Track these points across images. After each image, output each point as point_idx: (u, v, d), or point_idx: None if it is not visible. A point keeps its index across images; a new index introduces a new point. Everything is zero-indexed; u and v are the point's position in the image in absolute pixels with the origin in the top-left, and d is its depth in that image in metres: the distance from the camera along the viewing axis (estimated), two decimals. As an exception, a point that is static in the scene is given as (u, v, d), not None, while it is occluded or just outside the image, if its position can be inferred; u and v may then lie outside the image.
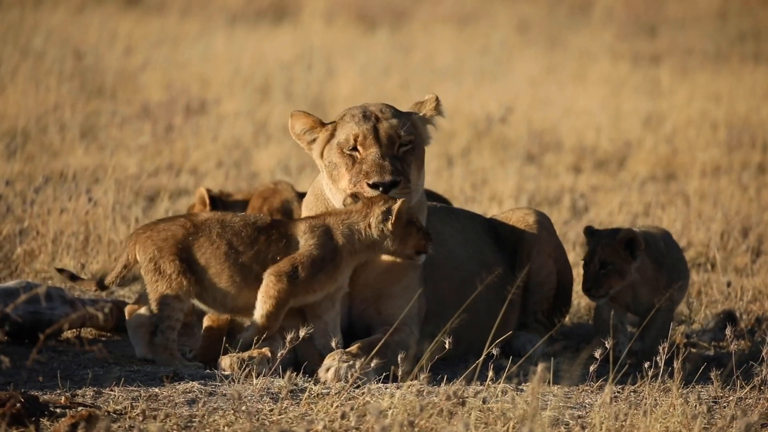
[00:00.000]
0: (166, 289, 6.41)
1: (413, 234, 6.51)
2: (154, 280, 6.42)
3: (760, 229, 10.30)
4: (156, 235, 6.45)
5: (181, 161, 12.09)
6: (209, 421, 5.68)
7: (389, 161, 6.56)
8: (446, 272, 7.01)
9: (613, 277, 7.00)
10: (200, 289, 6.45)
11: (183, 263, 6.40)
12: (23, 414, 5.51)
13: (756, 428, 5.78)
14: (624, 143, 13.97)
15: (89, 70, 15.56)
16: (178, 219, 6.52)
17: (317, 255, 6.42)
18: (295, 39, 19.50)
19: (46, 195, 9.35)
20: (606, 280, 6.99)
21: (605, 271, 6.99)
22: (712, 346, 7.87)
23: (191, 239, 6.43)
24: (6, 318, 6.82)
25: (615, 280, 7.01)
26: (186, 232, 6.44)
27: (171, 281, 6.40)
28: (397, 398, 5.89)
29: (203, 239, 6.42)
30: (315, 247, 6.42)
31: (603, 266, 7.00)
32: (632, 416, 5.84)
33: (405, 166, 6.61)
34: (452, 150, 13.51)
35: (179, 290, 6.40)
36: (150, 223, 6.60)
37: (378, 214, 6.48)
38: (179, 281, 6.40)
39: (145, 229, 6.52)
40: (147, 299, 6.48)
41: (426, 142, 6.79)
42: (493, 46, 20.36)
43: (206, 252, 6.42)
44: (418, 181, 6.71)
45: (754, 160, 13.44)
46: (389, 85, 16.47)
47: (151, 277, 6.43)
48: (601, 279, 6.99)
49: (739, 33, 22.50)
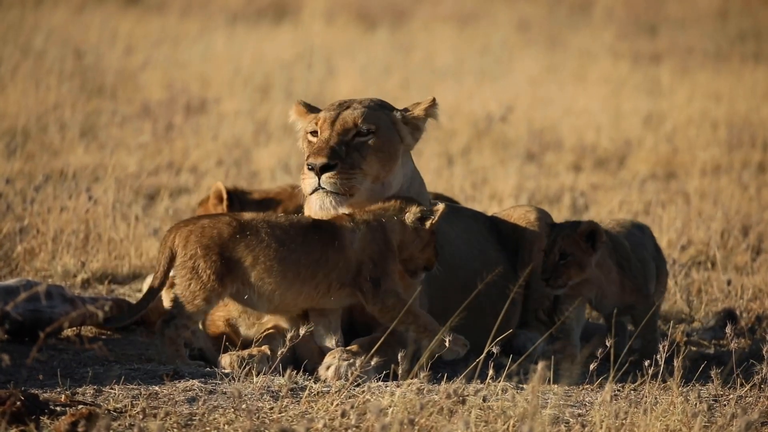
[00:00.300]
0: (198, 290, 6.36)
1: (431, 246, 6.54)
2: (188, 277, 6.37)
3: (760, 227, 10.30)
4: (200, 231, 6.38)
5: (181, 160, 12.09)
6: (209, 419, 5.68)
7: (333, 146, 6.56)
8: (451, 271, 7.01)
9: (573, 268, 6.92)
10: (243, 289, 6.42)
11: (223, 265, 6.36)
12: (23, 412, 5.51)
13: (756, 426, 5.77)
14: (624, 142, 13.97)
15: (89, 69, 15.56)
16: (223, 217, 6.47)
17: (377, 250, 6.45)
18: (295, 38, 19.50)
19: (47, 193, 9.35)
20: (565, 270, 6.91)
21: (565, 261, 6.91)
22: (713, 345, 7.87)
23: (238, 238, 6.39)
24: (6, 316, 6.82)
25: (574, 272, 6.93)
26: (232, 231, 6.39)
27: (206, 283, 6.35)
28: (397, 396, 5.89)
29: (251, 238, 6.39)
30: (372, 242, 6.45)
31: (563, 257, 6.92)
32: (632, 414, 5.84)
33: (358, 155, 6.59)
34: (453, 149, 13.51)
35: (211, 293, 6.37)
36: (190, 219, 6.54)
37: (416, 212, 6.51)
38: (214, 284, 6.35)
39: (186, 224, 6.45)
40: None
41: (404, 141, 6.75)
42: (494, 45, 20.36)
43: (255, 251, 6.38)
44: (387, 177, 6.68)
45: (754, 159, 13.44)
46: (389, 85, 16.47)
47: (186, 274, 6.37)
48: (561, 269, 6.92)
49: (740, 32, 22.50)
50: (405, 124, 6.76)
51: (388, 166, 6.68)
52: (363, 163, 6.59)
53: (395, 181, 6.71)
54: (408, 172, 6.80)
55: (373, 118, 6.68)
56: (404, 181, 6.77)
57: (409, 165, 6.83)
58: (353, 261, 6.45)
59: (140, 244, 8.91)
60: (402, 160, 6.75)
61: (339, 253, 6.43)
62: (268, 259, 6.37)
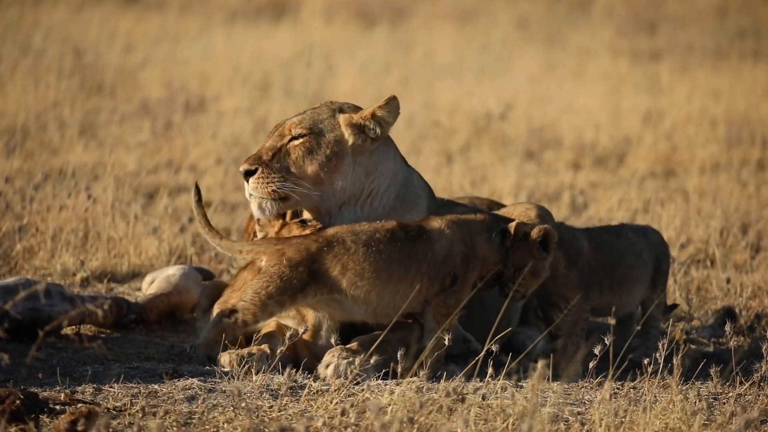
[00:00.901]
0: (275, 293, 6.38)
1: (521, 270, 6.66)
2: (268, 280, 6.38)
3: (759, 225, 10.30)
4: (288, 248, 6.45)
5: (181, 158, 12.09)
6: (209, 417, 5.68)
7: (260, 151, 6.70)
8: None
9: (530, 279, 6.71)
10: (335, 296, 6.45)
11: (309, 275, 6.41)
12: (23, 411, 5.51)
13: (755, 425, 5.78)
14: (623, 140, 13.97)
15: (89, 68, 15.56)
16: (309, 236, 6.54)
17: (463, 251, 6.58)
18: (294, 36, 19.50)
19: (46, 192, 9.35)
20: (523, 282, 6.70)
21: (520, 273, 6.69)
22: (712, 343, 7.87)
23: (325, 250, 6.45)
24: (5, 315, 6.82)
25: (532, 281, 6.73)
26: (319, 245, 6.45)
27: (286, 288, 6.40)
28: (396, 395, 5.89)
29: (338, 247, 6.45)
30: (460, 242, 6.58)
31: (518, 270, 6.69)
32: (632, 413, 5.84)
33: (287, 158, 6.67)
34: (452, 147, 13.51)
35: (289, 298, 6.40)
36: (279, 238, 6.59)
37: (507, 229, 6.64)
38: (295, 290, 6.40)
39: (277, 242, 6.51)
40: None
41: (350, 142, 6.74)
42: (493, 43, 20.36)
43: (342, 259, 6.43)
44: (333, 179, 6.69)
45: (754, 156, 13.44)
46: (389, 83, 16.47)
47: (267, 277, 6.39)
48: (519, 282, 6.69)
49: (739, 30, 22.50)
50: (350, 125, 6.76)
51: (327, 167, 6.71)
52: (292, 165, 6.67)
53: (345, 183, 6.72)
54: (379, 174, 6.77)
55: (309, 121, 6.75)
56: (374, 182, 6.76)
57: (380, 168, 6.79)
58: (440, 253, 6.52)
59: (139, 243, 8.91)
60: (357, 160, 6.76)
61: (427, 245, 6.51)
62: (357, 264, 6.42)
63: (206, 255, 9.11)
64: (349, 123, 6.75)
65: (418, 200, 6.87)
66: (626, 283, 7.15)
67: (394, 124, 6.82)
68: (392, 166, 6.84)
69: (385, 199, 6.79)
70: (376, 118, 6.75)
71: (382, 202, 6.79)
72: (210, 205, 10.44)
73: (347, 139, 6.75)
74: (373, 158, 6.81)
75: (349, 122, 6.75)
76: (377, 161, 6.81)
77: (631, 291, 7.21)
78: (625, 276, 7.15)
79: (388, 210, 6.80)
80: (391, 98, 6.79)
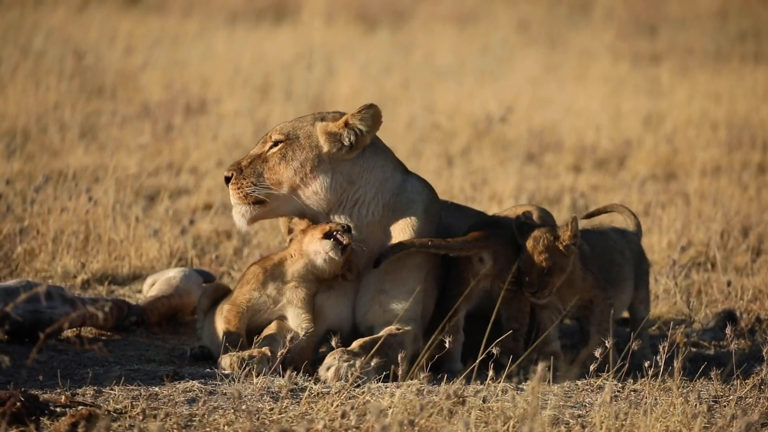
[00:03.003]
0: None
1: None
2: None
3: (760, 228, 10.30)
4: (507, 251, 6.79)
5: (181, 161, 12.09)
6: (209, 420, 5.68)
7: (241, 159, 6.88)
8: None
9: (556, 275, 6.72)
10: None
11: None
12: (23, 413, 5.51)
13: (756, 427, 5.78)
14: (624, 143, 13.97)
15: (89, 70, 15.56)
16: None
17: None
18: (295, 38, 19.50)
19: (47, 194, 9.35)
20: (550, 280, 6.71)
21: (548, 270, 6.70)
22: (713, 346, 7.87)
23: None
24: (6, 317, 6.82)
25: (557, 278, 6.73)
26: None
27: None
28: (397, 397, 5.89)
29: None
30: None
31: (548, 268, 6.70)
32: (632, 415, 5.84)
33: (263, 164, 6.79)
34: (452, 149, 13.51)
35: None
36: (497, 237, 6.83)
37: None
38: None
39: (496, 240, 6.79)
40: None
41: (325, 149, 6.75)
42: (494, 45, 20.36)
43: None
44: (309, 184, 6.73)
45: (754, 159, 13.44)
46: (389, 85, 16.47)
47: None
48: (546, 280, 6.71)
49: (740, 32, 22.49)
50: (326, 133, 6.77)
51: (301, 173, 6.74)
52: (267, 171, 6.77)
53: (324, 190, 6.73)
54: (365, 182, 6.77)
55: (288, 129, 6.84)
56: (359, 191, 6.76)
57: (366, 176, 6.77)
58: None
59: (140, 245, 8.91)
60: (337, 168, 6.76)
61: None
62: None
63: (207, 257, 9.12)
64: (324, 131, 6.77)
65: (411, 205, 6.83)
66: (619, 283, 7.15)
67: (374, 132, 6.77)
68: (379, 175, 6.82)
69: (373, 206, 6.78)
70: (350, 126, 6.74)
71: (370, 209, 6.79)
72: (210, 207, 10.44)
73: (322, 146, 6.77)
74: (356, 166, 6.80)
75: (324, 130, 6.77)
76: (362, 169, 6.80)
77: (625, 290, 7.22)
78: (618, 275, 7.15)
79: (378, 218, 6.80)
80: (367, 106, 6.76)
